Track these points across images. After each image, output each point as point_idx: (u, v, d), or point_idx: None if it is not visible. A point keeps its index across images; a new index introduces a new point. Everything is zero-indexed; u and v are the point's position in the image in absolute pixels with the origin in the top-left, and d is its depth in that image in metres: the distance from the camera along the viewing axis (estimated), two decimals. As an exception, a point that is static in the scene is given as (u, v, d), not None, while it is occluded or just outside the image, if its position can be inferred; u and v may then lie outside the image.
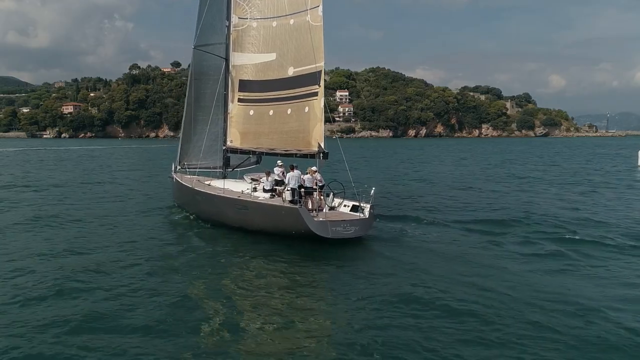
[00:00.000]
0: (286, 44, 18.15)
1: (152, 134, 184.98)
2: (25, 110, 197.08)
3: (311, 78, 17.11)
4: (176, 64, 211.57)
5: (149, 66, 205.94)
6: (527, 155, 71.26)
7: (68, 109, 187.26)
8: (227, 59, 19.84)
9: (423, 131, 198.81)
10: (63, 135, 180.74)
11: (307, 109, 17.58)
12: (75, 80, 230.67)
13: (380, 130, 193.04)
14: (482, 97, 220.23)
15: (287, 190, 15.80)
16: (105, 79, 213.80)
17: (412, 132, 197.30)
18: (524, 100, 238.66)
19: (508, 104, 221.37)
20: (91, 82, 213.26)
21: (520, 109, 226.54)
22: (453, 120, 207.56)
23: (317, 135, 17.22)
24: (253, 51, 19.24)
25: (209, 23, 20.19)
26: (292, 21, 17.91)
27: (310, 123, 17.42)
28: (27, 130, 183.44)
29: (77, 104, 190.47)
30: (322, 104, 17.03)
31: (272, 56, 18.70)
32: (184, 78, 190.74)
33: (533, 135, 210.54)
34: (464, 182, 33.81)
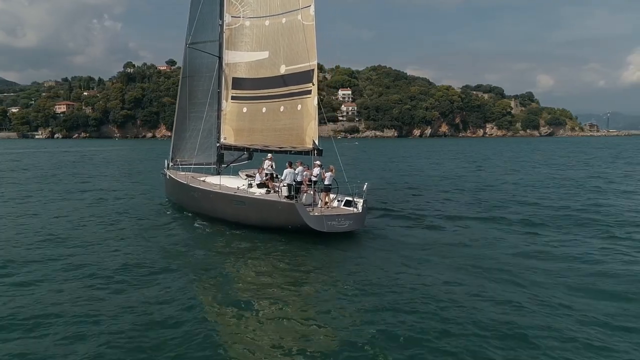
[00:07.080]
0: (278, 43, 18.37)
1: (149, 134, 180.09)
2: (14, 110, 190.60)
3: (304, 76, 17.34)
4: (171, 62, 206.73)
5: (145, 64, 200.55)
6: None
7: (61, 108, 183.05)
8: (220, 57, 20.04)
9: (428, 131, 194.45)
10: (56, 135, 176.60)
11: (300, 106, 17.81)
12: (66, 79, 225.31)
13: (385, 129, 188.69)
14: (485, 96, 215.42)
15: (283, 186, 16.08)
16: (99, 78, 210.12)
17: (417, 132, 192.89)
18: (527, 99, 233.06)
19: (512, 103, 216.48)
20: (83, 81, 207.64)
21: (523, 108, 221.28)
22: (457, 120, 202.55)
23: (311, 133, 17.47)
24: (246, 49, 19.45)
25: (202, 21, 20.40)
26: (284, 20, 18.12)
27: (304, 120, 17.67)
28: (19, 130, 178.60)
29: (70, 103, 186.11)
30: (316, 101, 17.26)
31: (264, 54, 18.91)
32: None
33: (538, 134, 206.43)
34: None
